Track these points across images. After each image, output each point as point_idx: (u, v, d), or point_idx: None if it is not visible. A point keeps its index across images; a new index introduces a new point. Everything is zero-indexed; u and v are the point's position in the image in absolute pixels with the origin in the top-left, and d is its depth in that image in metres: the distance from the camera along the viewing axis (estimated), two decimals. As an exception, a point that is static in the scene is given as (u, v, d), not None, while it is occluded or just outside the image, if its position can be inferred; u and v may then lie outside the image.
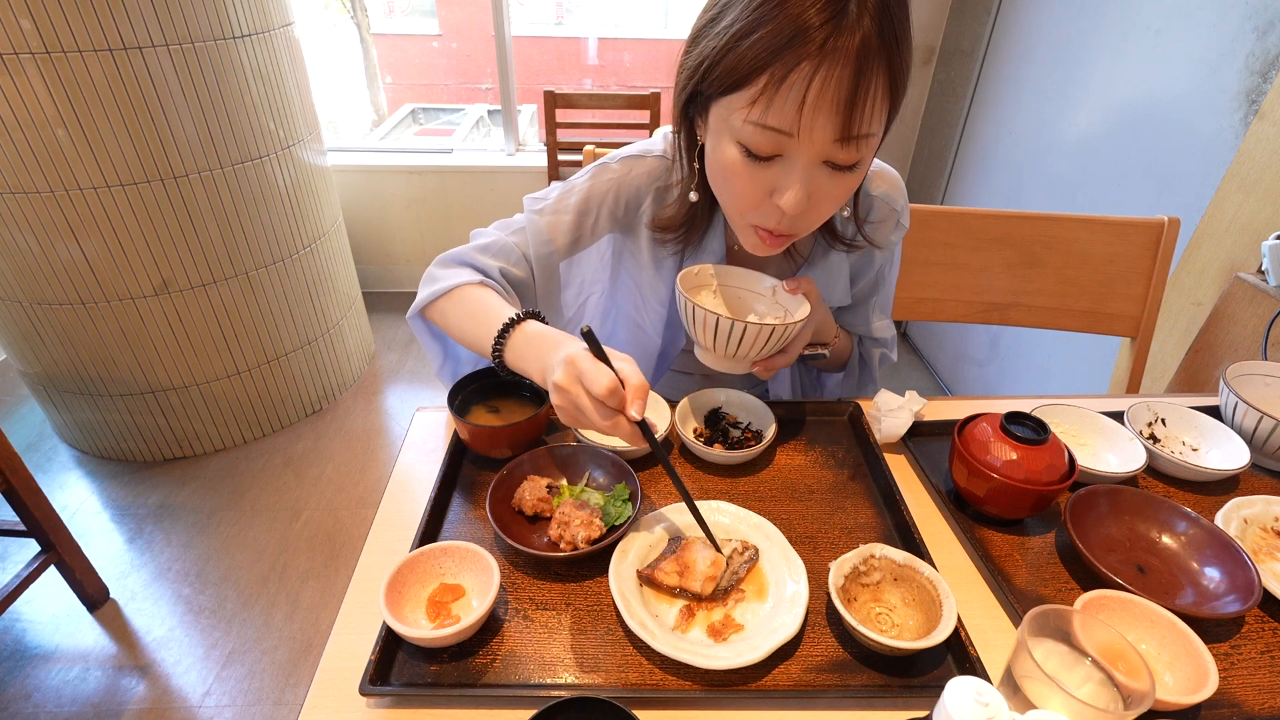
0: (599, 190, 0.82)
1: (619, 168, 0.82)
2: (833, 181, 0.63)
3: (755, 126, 0.60)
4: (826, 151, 0.60)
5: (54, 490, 1.95)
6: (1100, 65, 1.71)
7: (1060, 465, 0.68)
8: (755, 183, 0.64)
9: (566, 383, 0.60)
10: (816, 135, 0.58)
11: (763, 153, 0.62)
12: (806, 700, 0.56)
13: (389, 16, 6.24)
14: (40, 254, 1.68)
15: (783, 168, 0.63)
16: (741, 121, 0.60)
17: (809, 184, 0.62)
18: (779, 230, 0.68)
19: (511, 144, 2.86)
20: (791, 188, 0.62)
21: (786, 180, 0.62)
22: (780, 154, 0.62)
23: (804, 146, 0.60)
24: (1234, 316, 1.21)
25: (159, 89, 1.62)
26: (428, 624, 0.59)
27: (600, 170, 0.83)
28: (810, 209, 0.65)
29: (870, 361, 0.96)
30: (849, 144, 0.59)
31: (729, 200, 0.70)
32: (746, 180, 0.65)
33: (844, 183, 0.64)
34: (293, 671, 1.49)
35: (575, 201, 0.83)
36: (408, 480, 0.78)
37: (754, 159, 0.63)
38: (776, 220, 0.66)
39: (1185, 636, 0.55)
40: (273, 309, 2.04)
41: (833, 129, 0.58)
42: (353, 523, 1.87)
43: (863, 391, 0.97)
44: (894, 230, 0.86)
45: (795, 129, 0.58)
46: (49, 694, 1.44)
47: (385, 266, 3.03)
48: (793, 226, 0.67)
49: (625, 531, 0.66)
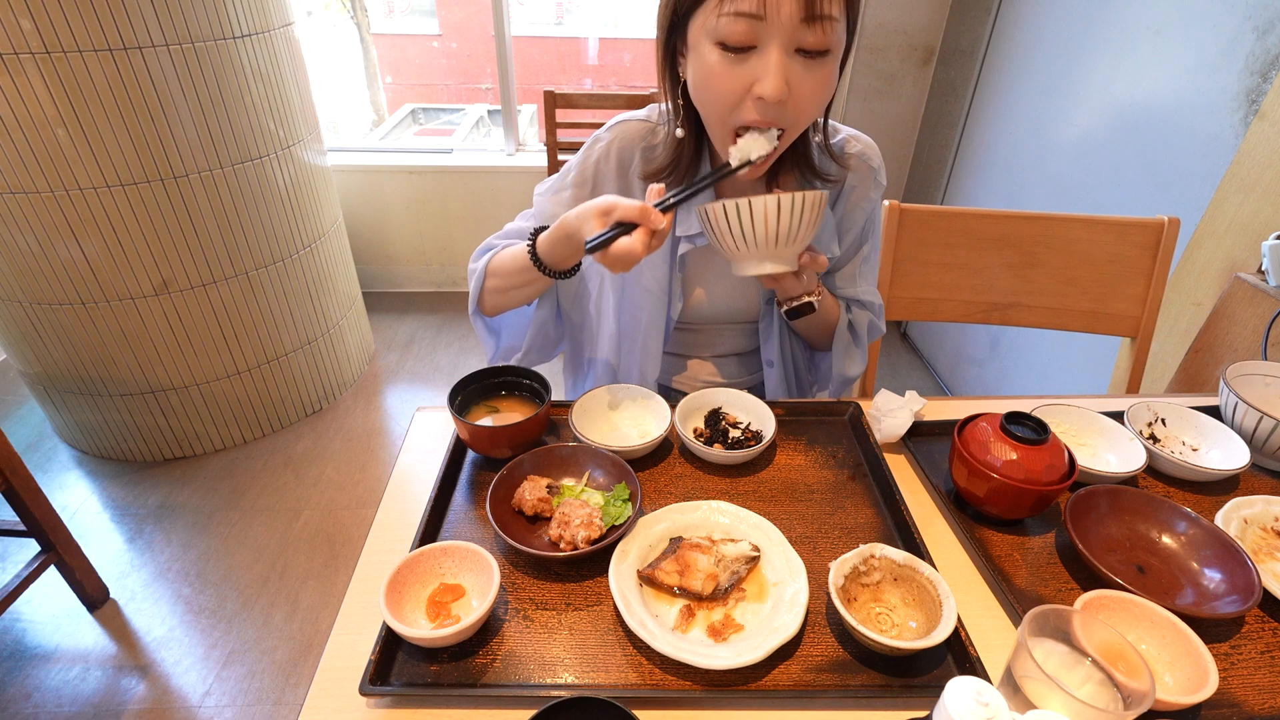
0: (592, 160, 0.89)
1: (608, 134, 0.88)
2: (807, 70, 0.67)
3: (728, 16, 0.65)
4: (795, 34, 0.65)
5: (54, 490, 1.95)
6: (1100, 65, 1.71)
7: (1060, 465, 0.68)
8: (735, 79, 0.68)
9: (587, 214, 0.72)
10: (784, 13, 0.63)
11: (737, 42, 0.66)
12: (806, 700, 0.56)
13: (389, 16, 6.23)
14: (40, 254, 1.68)
15: (759, 59, 0.67)
16: (716, 19, 0.66)
17: (785, 71, 0.66)
18: (763, 120, 0.70)
19: (511, 144, 2.86)
20: (769, 74, 0.66)
21: (763, 69, 0.67)
22: (754, 44, 0.66)
23: (773, 29, 0.64)
24: (1234, 316, 1.21)
25: (159, 89, 1.62)
26: (428, 624, 0.59)
27: (592, 143, 0.89)
28: (791, 101, 0.68)
29: (859, 329, 0.96)
30: (815, 24, 0.64)
31: (713, 107, 0.73)
32: (726, 78, 0.68)
33: (818, 74, 0.68)
34: (293, 671, 1.49)
35: (573, 177, 0.90)
36: (408, 480, 0.78)
37: (731, 52, 0.67)
38: (759, 112, 0.69)
39: (1185, 636, 0.55)
40: (273, 309, 2.04)
41: (798, 6, 0.63)
42: (353, 523, 1.87)
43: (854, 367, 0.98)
44: (873, 188, 0.90)
45: (763, 9, 0.63)
46: (49, 694, 1.44)
47: (385, 266, 3.03)
48: (778, 117, 0.70)
49: (625, 531, 0.66)
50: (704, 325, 0.99)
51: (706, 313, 0.96)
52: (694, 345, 1.02)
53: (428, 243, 2.98)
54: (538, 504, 0.70)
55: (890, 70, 2.47)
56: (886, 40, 2.42)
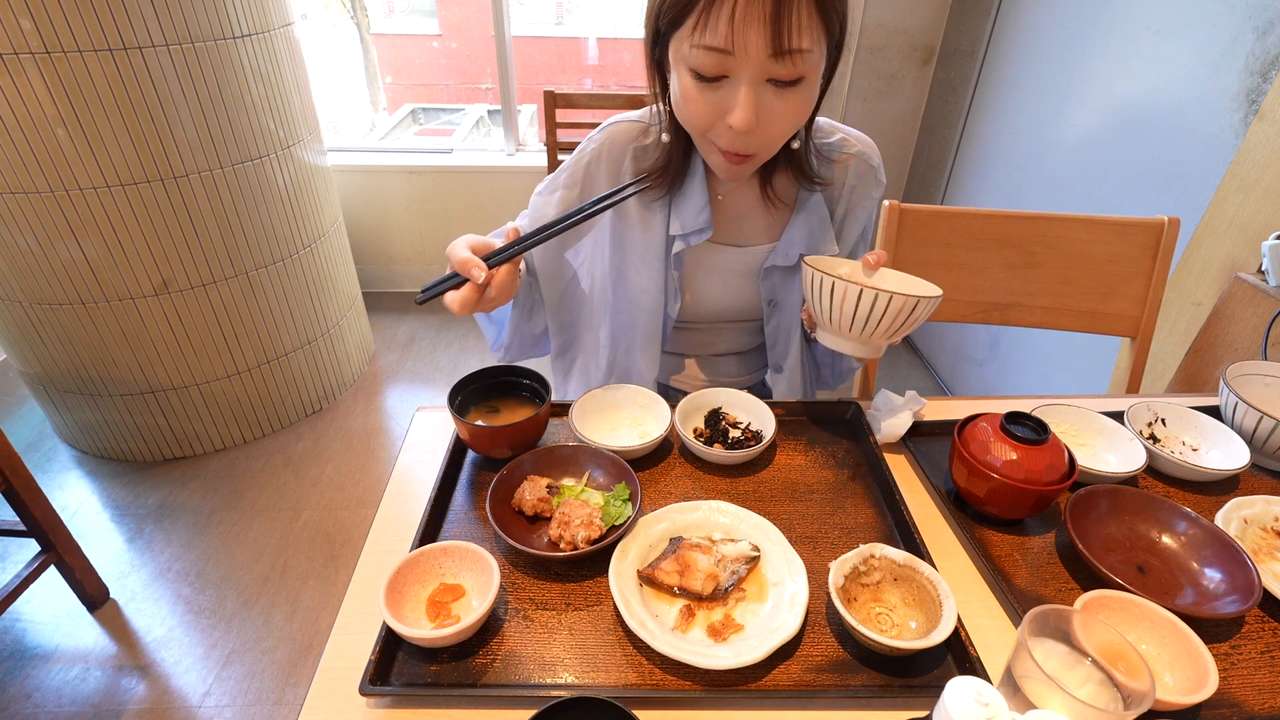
0: (584, 161, 0.89)
1: (600, 136, 0.89)
2: (780, 99, 0.68)
3: (698, 49, 0.65)
4: (765, 67, 0.65)
5: (54, 490, 1.95)
6: (1100, 65, 1.71)
7: (1060, 465, 0.68)
8: (708, 105, 0.69)
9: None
10: (751, 50, 0.63)
11: (708, 73, 0.67)
12: (806, 700, 0.56)
13: (389, 16, 6.23)
14: (40, 254, 1.68)
15: (730, 88, 0.67)
16: (689, 48, 0.66)
17: (756, 102, 0.67)
18: (733, 149, 0.72)
19: (511, 144, 2.86)
20: (738, 106, 0.67)
21: (734, 100, 0.67)
22: (725, 74, 0.67)
23: (742, 63, 0.64)
24: (1234, 316, 1.21)
25: (159, 89, 1.62)
26: (428, 624, 0.59)
27: (584, 145, 0.90)
28: (761, 128, 0.69)
29: None
30: (784, 58, 0.64)
31: (690, 125, 0.74)
32: (700, 104, 0.69)
33: (790, 100, 0.68)
34: (293, 671, 1.49)
35: (564, 178, 0.91)
36: (408, 480, 0.78)
37: (704, 81, 0.68)
38: (730, 140, 0.71)
39: (1185, 636, 0.55)
40: (273, 309, 2.04)
41: (764, 43, 0.63)
42: (353, 523, 1.87)
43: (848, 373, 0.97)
44: (874, 186, 0.90)
45: (730, 45, 0.63)
46: (49, 694, 1.44)
47: (385, 266, 3.03)
48: (747, 145, 0.72)
49: (625, 531, 0.66)
50: (703, 324, 0.99)
51: (705, 311, 0.96)
52: (693, 344, 1.02)
53: (428, 243, 2.98)
54: (538, 504, 0.70)
55: (890, 70, 2.47)
56: (886, 40, 2.42)
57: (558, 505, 0.69)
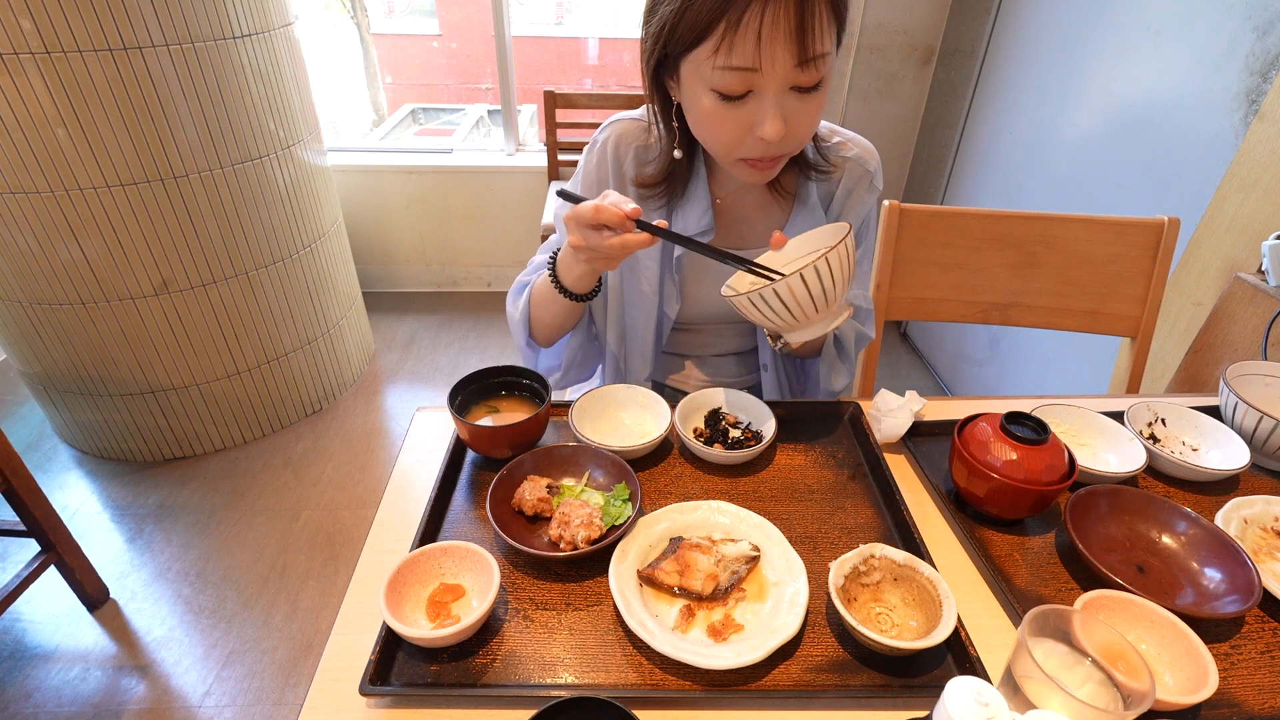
0: (593, 165, 0.90)
1: (603, 135, 0.89)
2: (803, 103, 0.69)
3: (723, 70, 0.65)
4: (790, 77, 0.66)
5: (54, 490, 1.95)
6: (1100, 65, 1.71)
7: (1060, 465, 0.68)
8: (736, 122, 0.70)
9: (573, 238, 0.71)
10: (778, 64, 0.64)
11: (735, 92, 0.67)
12: (806, 700, 0.56)
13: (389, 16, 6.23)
14: (40, 254, 1.68)
15: (756, 102, 0.68)
16: (711, 69, 0.66)
17: (783, 111, 0.68)
18: (765, 156, 0.73)
19: (511, 144, 2.85)
20: (768, 119, 0.68)
21: (762, 113, 0.68)
22: (751, 90, 0.68)
23: (769, 78, 0.66)
24: (1234, 316, 1.21)
25: (159, 89, 1.62)
26: (428, 624, 0.59)
27: (590, 148, 0.91)
28: (790, 133, 0.70)
29: (845, 343, 0.94)
30: (808, 66, 0.65)
31: (715, 144, 0.75)
32: (727, 122, 0.70)
33: (813, 101, 0.70)
34: (293, 671, 1.49)
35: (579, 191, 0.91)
36: (408, 480, 0.78)
37: (729, 100, 0.68)
38: (763, 150, 0.72)
39: (1185, 636, 0.55)
40: (273, 309, 2.03)
41: (791, 56, 0.64)
42: (353, 523, 1.87)
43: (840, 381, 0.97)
44: (869, 191, 0.91)
45: (758, 63, 0.64)
46: (49, 694, 1.44)
47: (385, 266, 3.03)
48: (780, 149, 0.73)
49: (625, 531, 0.66)
50: (702, 325, 0.99)
51: (704, 313, 0.96)
52: (692, 345, 1.02)
53: (428, 243, 2.97)
54: (538, 504, 0.70)
55: (890, 70, 2.47)
56: (886, 40, 2.42)
57: (558, 505, 0.69)
